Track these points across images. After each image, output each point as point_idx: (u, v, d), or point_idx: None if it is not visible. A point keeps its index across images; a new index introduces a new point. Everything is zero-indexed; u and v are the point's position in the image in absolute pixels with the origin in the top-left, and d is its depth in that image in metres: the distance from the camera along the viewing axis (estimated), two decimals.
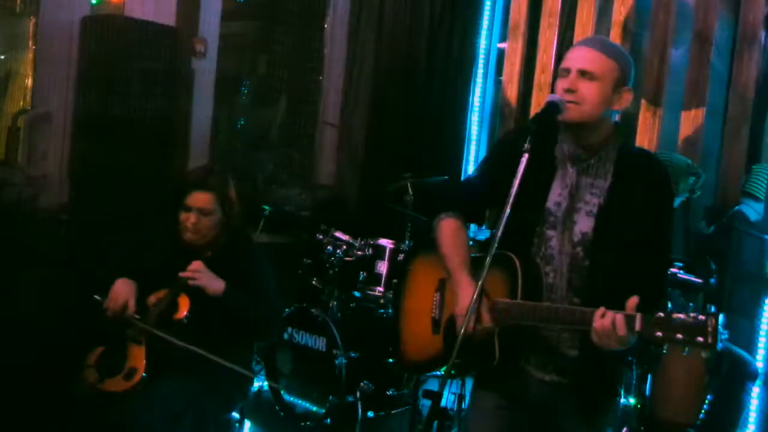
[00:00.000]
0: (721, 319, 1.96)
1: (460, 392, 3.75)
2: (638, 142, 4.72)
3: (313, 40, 5.99)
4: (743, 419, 3.98)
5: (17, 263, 3.96)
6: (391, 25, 5.58)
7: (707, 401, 3.76)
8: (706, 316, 2.02)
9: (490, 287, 2.31)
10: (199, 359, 2.97)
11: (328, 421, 4.17)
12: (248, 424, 3.97)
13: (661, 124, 4.79)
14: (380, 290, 4.38)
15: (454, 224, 2.51)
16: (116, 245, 3.62)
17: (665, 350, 3.61)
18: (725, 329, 3.75)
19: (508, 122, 5.45)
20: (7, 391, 3.51)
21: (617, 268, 2.27)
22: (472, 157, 5.68)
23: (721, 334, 1.98)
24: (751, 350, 4.01)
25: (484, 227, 4.55)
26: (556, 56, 5.17)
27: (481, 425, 2.52)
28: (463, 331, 2.17)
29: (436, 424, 2.34)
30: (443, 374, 2.24)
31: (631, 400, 3.77)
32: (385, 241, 4.42)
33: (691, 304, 3.71)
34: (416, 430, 4.03)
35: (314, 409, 4.28)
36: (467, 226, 2.59)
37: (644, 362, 3.73)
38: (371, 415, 4.24)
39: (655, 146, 4.69)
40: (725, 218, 4.23)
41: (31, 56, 4.78)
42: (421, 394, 4.05)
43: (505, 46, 5.57)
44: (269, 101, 6.19)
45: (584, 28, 5.03)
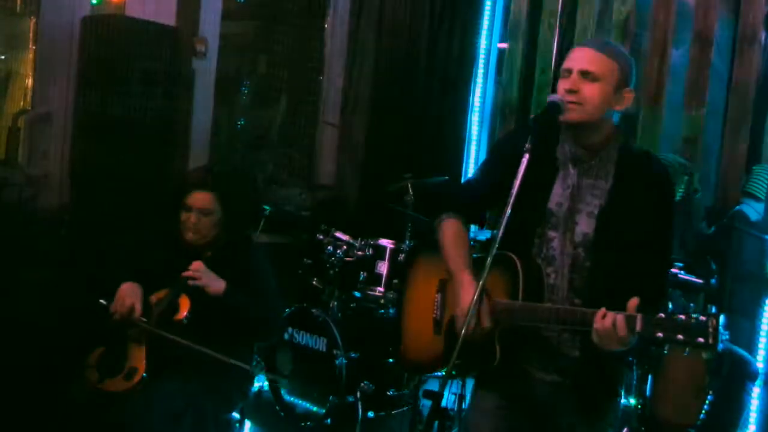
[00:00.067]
0: (721, 319, 1.96)
1: (460, 392, 3.75)
2: (639, 142, 4.72)
3: (313, 39, 5.98)
4: (744, 419, 3.99)
5: (17, 263, 3.95)
6: (391, 25, 5.58)
7: (708, 401, 3.76)
8: (706, 316, 2.02)
9: (491, 288, 2.31)
10: (199, 359, 2.97)
11: (328, 421, 4.17)
12: (248, 424, 3.97)
13: (661, 124, 4.80)
14: (380, 290, 4.37)
15: (455, 225, 2.51)
16: (117, 245, 3.61)
17: (666, 351, 3.61)
18: (726, 329, 3.75)
19: (508, 122, 5.45)
20: (7, 391, 3.51)
21: (618, 268, 2.27)
22: (472, 157, 5.67)
23: (721, 334, 1.98)
24: (751, 350, 4.02)
25: (484, 228, 4.55)
26: (556, 56, 5.17)
27: (481, 425, 2.52)
28: (463, 331, 2.17)
29: (436, 424, 2.34)
30: (444, 375, 2.24)
31: (631, 400, 3.77)
32: (385, 241, 4.42)
33: (692, 304, 3.71)
34: (417, 430, 4.02)
35: (314, 409, 4.28)
36: (468, 227, 2.59)
37: (645, 362, 3.73)
38: (371, 415, 4.24)
39: (655, 146, 4.69)
40: (726, 218, 4.24)
41: (31, 56, 4.77)
42: (421, 394, 4.05)
43: (505, 46, 5.57)
44: (269, 101, 6.17)
45: (584, 28, 5.04)
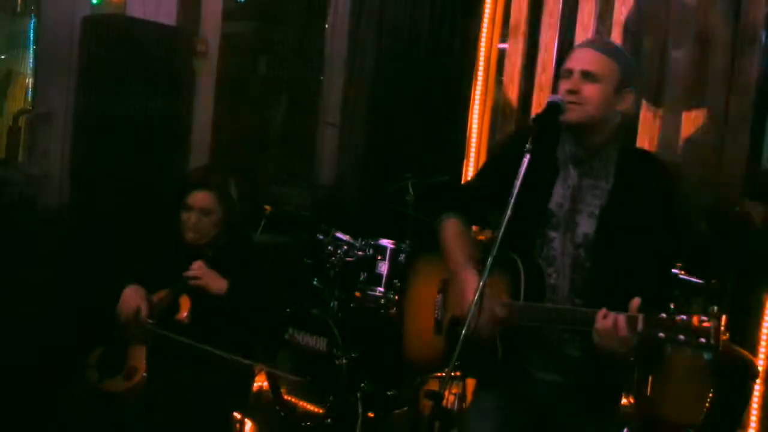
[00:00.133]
0: (723, 319, 1.96)
1: (461, 392, 3.75)
2: (639, 142, 4.71)
3: (313, 39, 5.99)
4: (744, 420, 3.98)
5: (17, 263, 3.95)
6: (391, 25, 5.58)
7: (708, 401, 3.76)
8: (708, 317, 2.02)
9: (492, 288, 2.31)
10: (199, 359, 2.97)
11: (328, 421, 4.17)
12: (248, 423, 3.97)
13: (661, 124, 4.79)
14: (381, 290, 4.37)
15: (457, 224, 2.52)
16: (117, 245, 3.62)
17: (667, 351, 3.60)
18: (726, 329, 3.75)
19: (508, 122, 5.43)
20: (7, 391, 3.51)
21: (619, 269, 2.27)
22: (472, 157, 5.66)
23: (722, 334, 1.98)
24: (752, 350, 4.01)
25: (485, 228, 4.55)
26: (556, 56, 5.16)
27: (482, 425, 2.52)
28: (466, 326, 2.14)
29: (437, 424, 2.33)
30: (445, 374, 2.23)
31: (631, 400, 3.77)
32: (385, 241, 4.42)
33: (693, 305, 3.71)
34: (417, 430, 4.02)
35: (315, 409, 4.28)
36: (470, 226, 2.59)
37: (645, 362, 3.72)
38: (372, 415, 4.24)
39: (655, 147, 4.69)
40: (726, 218, 4.23)
41: (31, 56, 4.78)
42: (422, 394, 4.05)
43: (505, 46, 5.56)
44: (270, 101, 6.18)
45: (585, 28, 5.02)
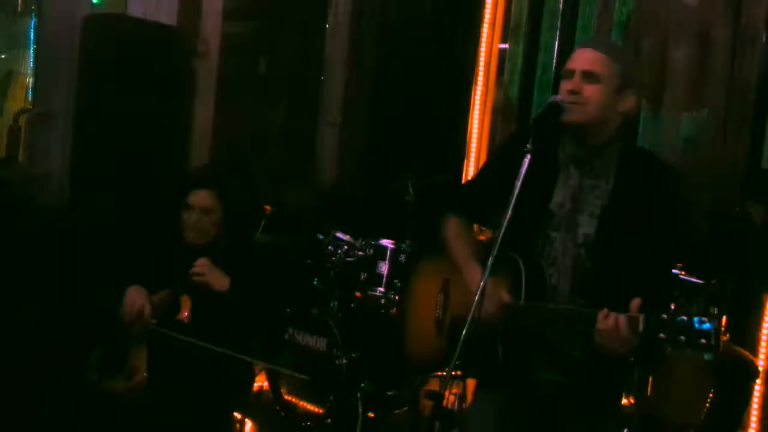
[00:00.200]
0: (723, 320, 1.96)
1: (461, 393, 3.75)
2: (640, 143, 4.71)
3: (314, 39, 5.98)
4: (745, 420, 3.98)
5: (17, 263, 3.95)
6: (392, 25, 5.58)
7: (709, 401, 3.76)
8: (709, 317, 2.02)
9: (494, 287, 2.30)
10: (200, 359, 2.97)
11: (328, 421, 4.16)
12: (249, 423, 3.97)
13: (662, 124, 4.79)
14: (381, 290, 4.37)
15: (458, 224, 2.53)
16: (117, 245, 3.62)
17: (668, 351, 3.60)
18: (727, 329, 3.75)
19: (509, 123, 5.43)
20: (7, 391, 3.51)
21: (621, 269, 2.27)
22: (473, 157, 5.67)
23: (723, 334, 1.98)
24: (752, 350, 4.01)
25: (485, 228, 4.55)
26: (557, 57, 5.16)
27: (483, 425, 2.52)
28: (468, 325, 2.11)
29: (437, 424, 2.33)
30: (445, 374, 2.23)
31: (632, 400, 3.77)
32: (386, 241, 4.42)
33: (693, 306, 3.71)
34: (417, 430, 4.02)
35: (315, 409, 4.28)
36: (471, 226, 2.60)
37: (646, 363, 3.72)
38: (372, 415, 4.24)
39: (656, 147, 4.68)
40: (727, 219, 4.23)
41: (32, 55, 4.77)
42: (422, 394, 4.05)
43: (506, 46, 5.56)
44: (270, 101, 6.18)
45: (585, 28, 5.03)
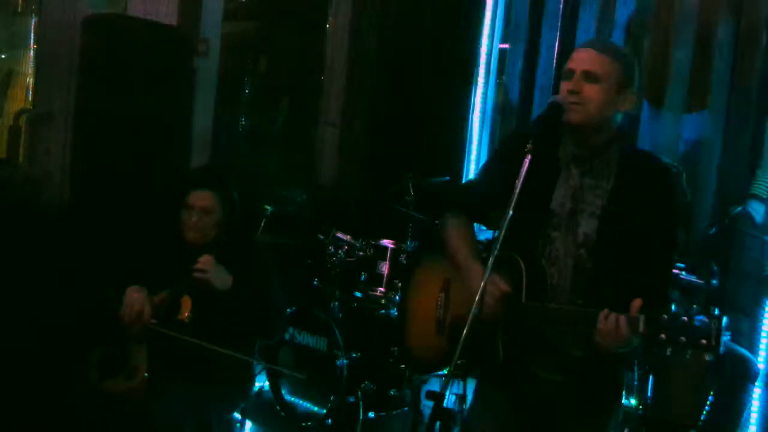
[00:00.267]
0: (723, 321, 1.96)
1: (461, 393, 3.75)
2: (640, 143, 4.72)
3: (314, 39, 5.98)
4: (744, 420, 3.98)
5: (18, 263, 3.95)
6: (392, 25, 5.58)
7: (709, 402, 3.76)
8: (709, 318, 2.02)
9: (496, 286, 2.30)
10: (201, 360, 2.97)
11: (329, 421, 4.17)
12: (249, 424, 3.97)
13: (662, 124, 4.79)
14: (382, 290, 4.37)
15: (460, 223, 2.53)
16: (118, 245, 3.61)
17: (668, 352, 3.61)
18: (727, 330, 3.75)
19: (509, 123, 5.44)
20: (7, 391, 3.51)
21: (621, 269, 2.27)
22: (473, 157, 5.67)
23: (723, 335, 1.98)
24: (752, 350, 4.02)
25: (485, 228, 4.55)
26: (557, 57, 5.17)
27: (483, 425, 2.52)
28: (468, 324, 2.12)
29: (438, 425, 2.33)
30: (447, 373, 2.23)
31: (632, 401, 3.77)
32: (386, 241, 4.42)
33: (694, 306, 3.71)
34: (418, 430, 4.02)
35: (315, 409, 4.28)
36: (472, 226, 2.60)
37: (646, 363, 3.72)
38: (372, 415, 4.24)
39: (656, 148, 4.69)
40: (727, 219, 4.23)
41: (32, 55, 4.77)
42: (423, 394, 4.05)
43: (506, 46, 5.57)
44: (271, 101, 6.18)
45: (586, 29, 5.03)
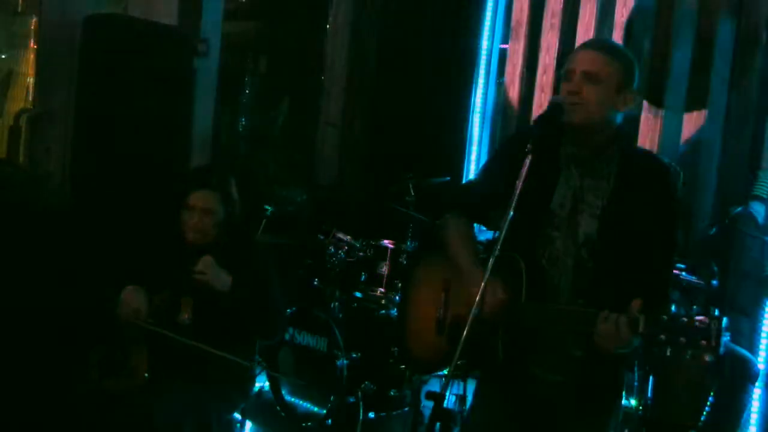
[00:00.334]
0: (723, 321, 1.96)
1: (461, 393, 3.75)
2: (640, 143, 4.72)
3: (314, 39, 5.99)
4: (744, 420, 3.98)
5: (18, 263, 3.95)
6: (393, 25, 5.59)
7: (709, 402, 3.76)
8: (709, 319, 2.02)
9: (496, 287, 2.30)
10: (201, 360, 2.97)
11: (329, 421, 4.16)
12: (249, 424, 3.97)
13: (662, 125, 4.79)
14: (382, 291, 4.37)
15: (460, 224, 2.53)
16: (118, 245, 3.61)
17: (668, 352, 3.61)
18: (727, 330, 3.74)
19: (509, 123, 5.44)
20: (8, 391, 3.51)
21: (621, 269, 2.27)
22: (473, 157, 5.67)
23: (723, 336, 1.98)
24: (752, 351, 4.01)
25: (485, 229, 4.55)
26: (558, 57, 5.17)
27: (483, 426, 2.52)
28: (468, 324, 2.13)
29: (438, 425, 2.33)
30: (447, 374, 2.23)
31: (632, 401, 3.77)
32: (386, 241, 4.42)
33: (694, 306, 3.71)
34: (418, 431, 4.02)
35: (315, 409, 4.28)
36: (472, 226, 2.60)
37: (646, 364, 3.72)
38: (372, 416, 4.24)
39: (656, 148, 4.69)
40: (727, 219, 4.23)
41: (32, 55, 4.77)
42: (423, 395, 4.05)
43: (507, 46, 5.57)
44: (271, 101, 6.19)
45: (586, 29, 5.03)
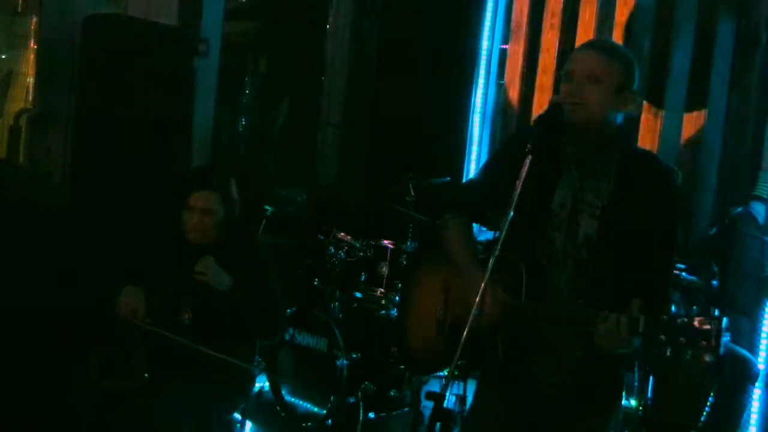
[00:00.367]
0: (723, 321, 1.96)
1: (461, 393, 3.75)
2: (640, 143, 4.72)
3: (314, 39, 5.99)
4: (744, 421, 3.98)
5: (18, 263, 3.95)
6: (393, 25, 5.59)
7: (709, 403, 3.76)
8: (709, 319, 2.02)
9: (495, 287, 2.30)
10: (201, 360, 2.97)
11: (329, 421, 4.16)
12: (249, 424, 3.97)
13: (662, 125, 4.79)
14: (382, 291, 4.37)
15: (460, 224, 2.52)
16: (118, 245, 3.61)
17: (668, 352, 3.61)
18: (727, 331, 3.74)
19: (510, 124, 5.44)
20: (8, 390, 3.51)
21: (621, 269, 2.27)
22: (473, 158, 5.67)
23: (723, 336, 1.98)
24: (752, 351, 4.02)
25: (485, 229, 4.55)
26: (558, 57, 5.17)
27: (484, 426, 2.52)
28: (468, 325, 2.12)
29: (438, 425, 2.33)
30: (447, 374, 2.23)
31: (632, 401, 3.77)
32: (386, 241, 4.42)
33: (694, 306, 3.71)
34: (418, 431, 4.02)
35: (315, 409, 4.28)
36: (472, 226, 2.60)
37: (646, 364, 3.72)
38: (372, 416, 4.24)
39: (656, 148, 4.69)
40: (727, 219, 4.24)
41: (32, 55, 4.77)
42: (423, 395, 4.05)
43: (507, 47, 5.57)
44: (271, 101, 6.18)
45: (586, 29, 5.03)
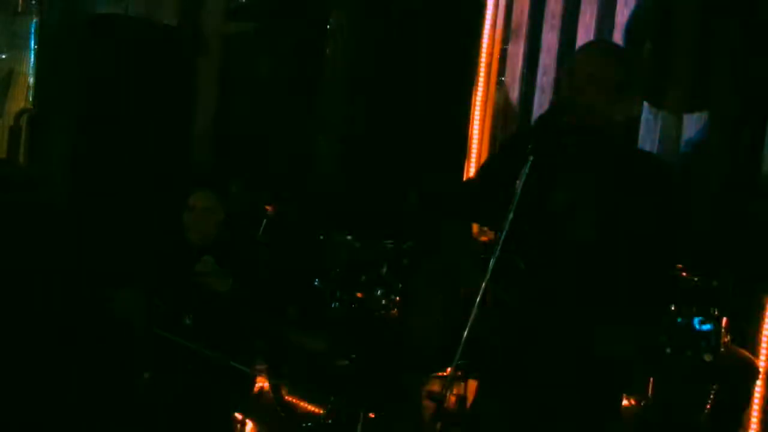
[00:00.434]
0: (723, 321, 1.97)
1: (462, 394, 3.75)
2: (640, 143, 4.71)
3: (314, 39, 5.99)
4: (745, 420, 3.99)
5: (18, 263, 3.96)
6: (393, 25, 5.59)
7: (709, 402, 3.77)
8: (710, 319, 2.03)
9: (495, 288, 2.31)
10: (202, 360, 2.97)
11: (329, 421, 4.17)
12: (249, 424, 3.97)
13: (662, 125, 4.79)
14: (382, 291, 4.37)
15: (459, 225, 2.53)
16: (118, 245, 3.62)
17: (668, 353, 3.61)
18: (727, 331, 3.75)
19: (510, 124, 5.44)
20: (8, 390, 3.52)
21: (622, 270, 2.28)
22: (473, 159, 5.67)
23: (723, 335, 1.99)
24: (753, 350, 4.02)
25: (486, 229, 4.55)
26: (558, 58, 5.16)
27: (483, 426, 2.52)
28: (468, 326, 2.14)
29: (439, 425, 2.34)
30: (447, 374, 2.24)
31: (632, 401, 3.77)
32: (386, 242, 4.42)
33: (694, 307, 3.71)
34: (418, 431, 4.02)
35: (315, 409, 4.28)
36: (471, 226, 2.60)
37: (647, 364, 3.72)
38: (372, 415, 4.24)
39: (656, 148, 4.68)
40: (727, 219, 4.24)
41: (33, 56, 4.78)
42: (423, 395, 4.05)
43: (507, 47, 5.56)
44: (270, 101, 6.17)
45: (586, 29, 5.02)
